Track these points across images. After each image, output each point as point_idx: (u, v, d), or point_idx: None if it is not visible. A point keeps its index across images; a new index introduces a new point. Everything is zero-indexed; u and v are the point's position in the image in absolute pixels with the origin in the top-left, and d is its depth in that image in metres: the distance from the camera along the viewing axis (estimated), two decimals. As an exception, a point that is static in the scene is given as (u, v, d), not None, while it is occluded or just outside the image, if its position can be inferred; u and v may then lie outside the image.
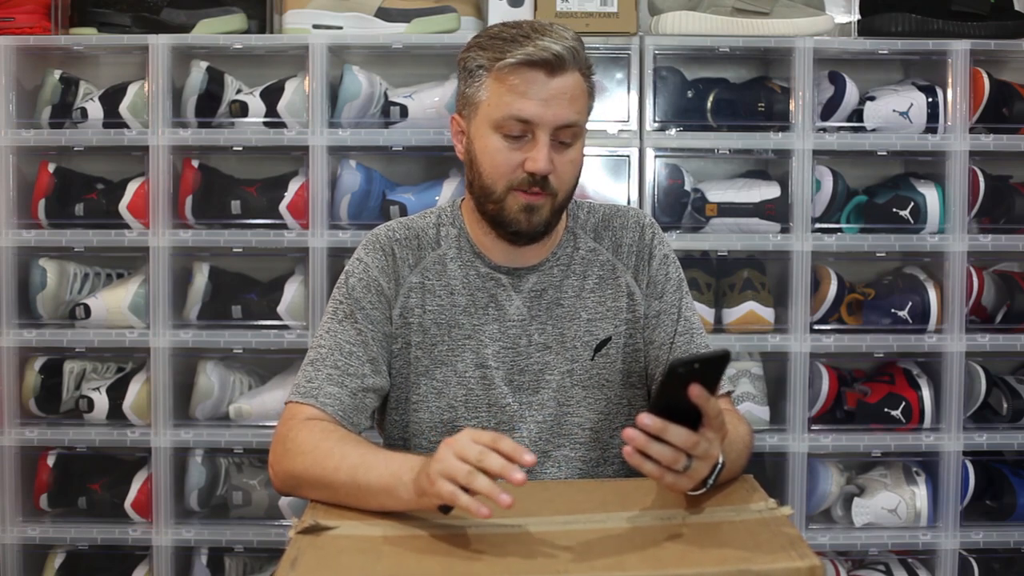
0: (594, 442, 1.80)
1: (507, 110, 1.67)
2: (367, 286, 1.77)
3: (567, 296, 1.81)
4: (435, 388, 1.78)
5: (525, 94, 1.67)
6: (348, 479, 1.53)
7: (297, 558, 1.32)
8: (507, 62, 1.66)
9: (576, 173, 1.75)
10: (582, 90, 1.71)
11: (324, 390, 1.69)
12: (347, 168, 2.65)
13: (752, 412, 2.62)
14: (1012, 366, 2.86)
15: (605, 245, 1.85)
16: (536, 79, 1.66)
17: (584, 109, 1.73)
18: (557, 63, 1.66)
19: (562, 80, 1.67)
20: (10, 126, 2.64)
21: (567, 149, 1.71)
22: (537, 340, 1.79)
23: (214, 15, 2.68)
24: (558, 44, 1.66)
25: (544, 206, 1.71)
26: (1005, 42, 2.66)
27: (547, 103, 1.67)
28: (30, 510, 2.70)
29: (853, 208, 2.71)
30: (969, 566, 2.68)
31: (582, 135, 1.74)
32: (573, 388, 1.79)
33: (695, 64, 2.81)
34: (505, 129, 1.69)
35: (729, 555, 1.31)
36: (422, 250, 1.81)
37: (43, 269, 2.68)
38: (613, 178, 2.70)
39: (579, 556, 1.32)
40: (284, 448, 1.64)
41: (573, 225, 1.85)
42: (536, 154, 1.68)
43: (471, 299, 1.79)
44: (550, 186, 1.70)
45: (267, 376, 2.78)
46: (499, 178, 1.71)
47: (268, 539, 2.64)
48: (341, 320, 1.76)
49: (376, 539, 1.41)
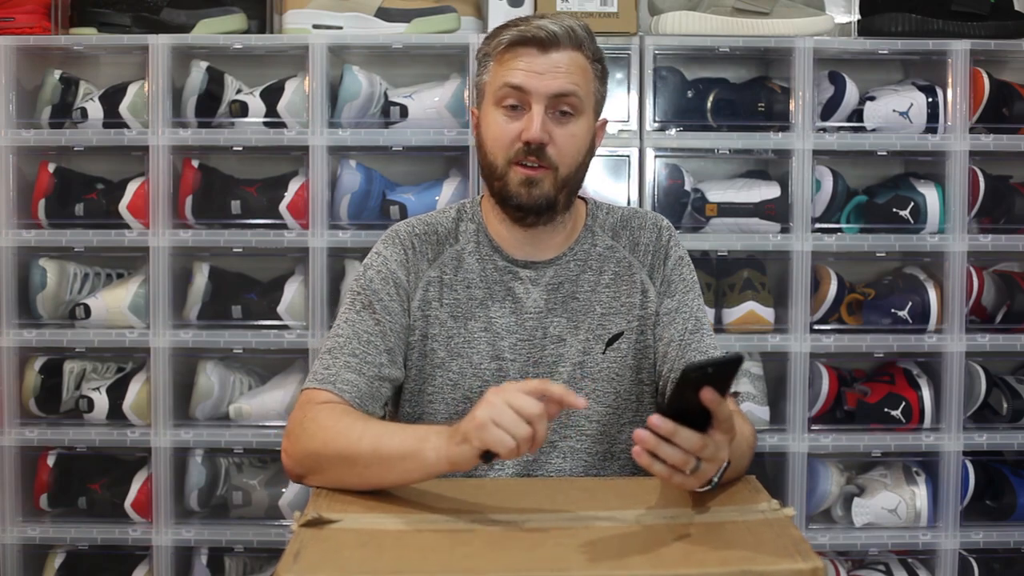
0: (601, 435, 1.82)
1: (501, 80, 1.75)
2: (385, 278, 1.80)
3: (582, 290, 1.84)
4: (451, 380, 1.80)
5: (517, 65, 1.74)
6: (371, 448, 1.54)
7: (300, 552, 1.32)
8: (502, 41, 1.75)
9: (577, 148, 1.79)
10: (580, 67, 1.77)
11: (342, 376, 1.71)
12: (347, 168, 2.65)
13: (752, 412, 2.62)
14: (1012, 366, 2.86)
15: (622, 243, 1.88)
16: (529, 53, 1.74)
17: (585, 84, 1.78)
18: (549, 40, 1.73)
19: (557, 55, 1.75)
20: (10, 126, 2.64)
21: (567, 123, 1.76)
22: (552, 332, 1.81)
23: (214, 15, 2.68)
24: (554, 24, 1.74)
25: (544, 180, 1.76)
26: (1005, 42, 2.66)
27: (540, 75, 1.73)
28: (30, 510, 2.70)
29: (853, 208, 2.71)
30: (969, 566, 2.69)
31: (585, 112, 1.78)
32: (583, 380, 1.81)
33: (695, 64, 2.81)
34: (502, 101, 1.75)
35: (732, 556, 1.31)
36: (440, 245, 1.85)
37: (43, 269, 2.68)
38: (613, 178, 2.70)
39: (582, 554, 1.32)
40: (302, 429, 1.64)
41: (592, 223, 1.89)
42: (530, 123, 1.73)
43: (488, 292, 1.82)
44: (548, 158, 1.75)
45: (267, 376, 2.78)
46: (499, 151, 1.77)
47: (268, 539, 2.64)
48: (359, 310, 1.78)
49: (379, 532, 1.41)
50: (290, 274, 2.73)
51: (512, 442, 1.38)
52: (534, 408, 1.40)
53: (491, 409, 1.40)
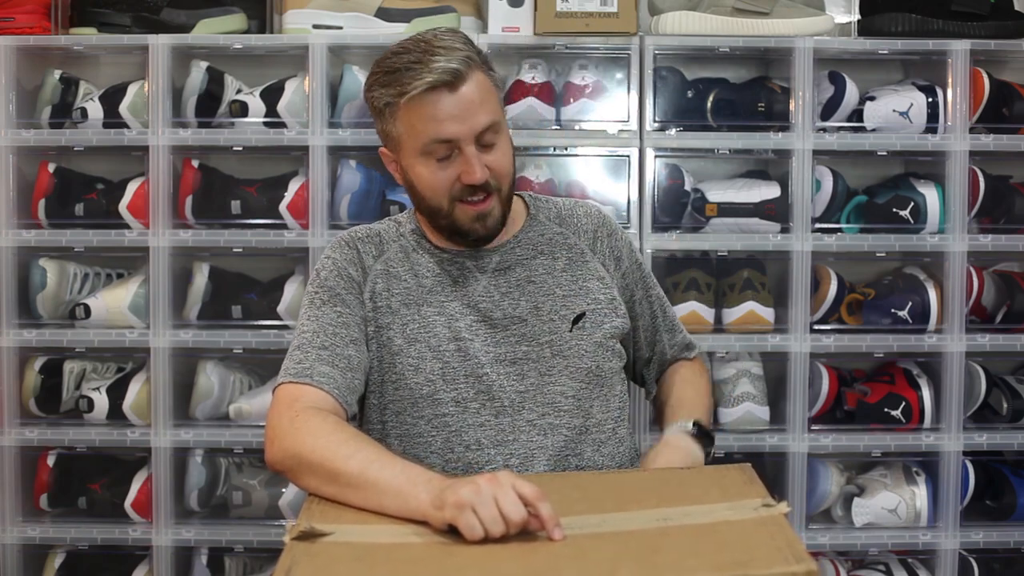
0: (576, 410, 1.84)
1: (427, 136, 1.74)
2: (338, 275, 1.84)
3: (538, 274, 1.88)
4: (412, 365, 1.81)
5: (437, 116, 1.73)
6: (358, 470, 1.54)
7: (292, 567, 1.31)
8: (411, 95, 1.72)
9: (509, 161, 1.82)
10: (488, 88, 1.78)
11: (317, 369, 1.73)
12: (347, 168, 2.65)
13: (752, 412, 2.63)
14: (1012, 366, 2.86)
15: (570, 229, 1.94)
16: (442, 98, 1.72)
17: (496, 104, 1.79)
18: (456, 77, 1.72)
19: (467, 88, 1.74)
20: (10, 126, 2.64)
21: (495, 145, 1.78)
22: (511, 313, 1.84)
23: (214, 15, 2.68)
24: (451, 59, 1.72)
25: (493, 207, 1.80)
26: (1005, 42, 2.65)
27: (461, 118, 1.73)
28: (30, 510, 2.71)
29: (853, 208, 2.71)
30: (969, 566, 2.68)
31: (503, 128, 1.80)
32: (554, 358, 1.83)
33: (695, 64, 2.81)
34: (431, 154, 1.76)
35: (725, 559, 1.31)
36: (384, 244, 1.89)
37: (43, 269, 2.68)
38: (613, 178, 2.70)
39: (574, 562, 1.32)
40: (292, 428, 1.64)
41: (536, 212, 1.95)
42: (468, 167, 1.75)
43: (437, 279, 1.86)
44: (491, 185, 1.78)
45: (267, 376, 2.78)
46: (441, 196, 1.79)
47: (268, 539, 2.64)
48: (320, 307, 1.81)
49: (372, 546, 1.40)
50: (290, 274, 2.73)
51: (480, 534, 1.37)
52: (516, 517, 1.38)
53: (478, 496, 1.39)
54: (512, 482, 1.40)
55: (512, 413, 1.81)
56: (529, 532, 1.39)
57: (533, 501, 1.39)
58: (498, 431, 1.80)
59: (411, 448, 1.81)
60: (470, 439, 1.80)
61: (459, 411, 1.80)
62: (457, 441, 1.80)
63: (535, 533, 1.39)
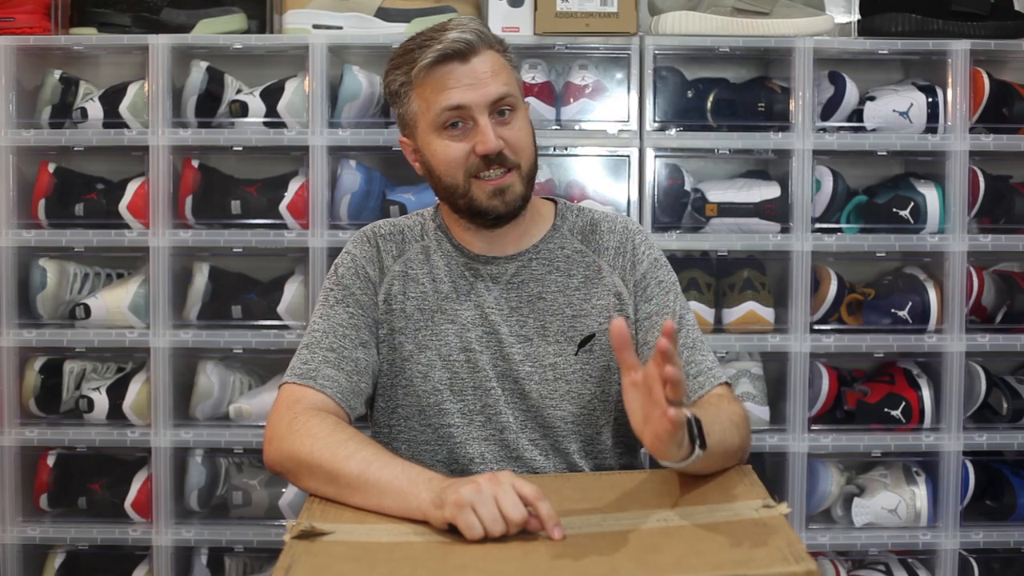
0: (575, 435, 1.82)
1: (439, 106, 1.73)
2: (355, 273, 1.83)
3: (550, 291, 1.83)
4: (420, 372, 1.80)
5: (448, 85, 1.72)
6: (358, 471, 1.53)
7: (291, 566, 1.31)
8: (421, 66, 1.72)
9: (529, 138, 1.79)
10: (502, 65, 1.77)
11: (322, 372, 1.72)
12: (347, 168, 2.65)
13: (752, 412, 2.62)
14: (1012, 366, 2.86)
15: (591, 247, 1.88)
16: (453, 69, 1.72)
17: (511, 81, 1.77)
18: (467, 48, 1.72)
19: (478, 60, 1.73)
20: (10, 126, 2.64)
21: (511, 120, 1.76)
22: (518, 332, 1.81)
23: (214, 15, 2.68)
24: (465, 32, 1.72)
25: (513, 182, 1.76)
26: (1005, 42, 2.65)
27: (473, 86, 1.72)
28: (30, 510, 2.71)
29: (853, 208, 2.71)
30: (969, 566, 2.68)
31: (520, 104, 1.78)
32: (556, 382, 1.81)
33: (695, 64, 2.81)
34: (444, 124, 1.74)
35: (726, 560, 1.31)
36: (406, 243, 1.87)
37: (43, 269, 2.68)
38: (613, 178, 2.70)
39: (575, 562, 1.32)
40: (291, 429, 1.64)
41: (560, 224, 1.89)
42: (483, 136, 1.72)
43: (453, 286, 1.83)
44: (508, 159, 1.75)
45: (267, 376, 2.79)
46: (456, 171, 1.76)
47: (268, 539, 2.64)
48: (332, 305, 1.80)
49: (371, 545, 1.40)
50: (290, 274, 2.73)
51: (480, 533, 1.37)
52: (517, 516, 1.38)
53: (478, 495, 1.39)
54: (512, 482, 1.40)
55: (516, 431, 1.80)
56: (529, 532, 1.39)
57: (533, 501, 1.39)
58: (501, 446, 1.80)
59: (418, 456, 1.80)
60: (474, 452, 1.79)
61: (464, 423, 1.80)
62: (461, 453, 1.80)
63: (535, 533, 1.39)
